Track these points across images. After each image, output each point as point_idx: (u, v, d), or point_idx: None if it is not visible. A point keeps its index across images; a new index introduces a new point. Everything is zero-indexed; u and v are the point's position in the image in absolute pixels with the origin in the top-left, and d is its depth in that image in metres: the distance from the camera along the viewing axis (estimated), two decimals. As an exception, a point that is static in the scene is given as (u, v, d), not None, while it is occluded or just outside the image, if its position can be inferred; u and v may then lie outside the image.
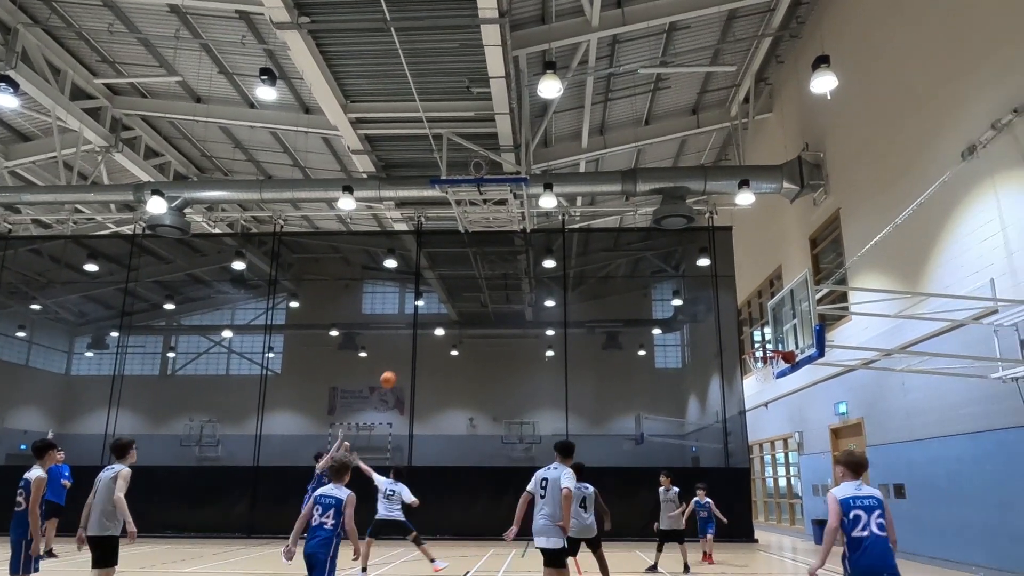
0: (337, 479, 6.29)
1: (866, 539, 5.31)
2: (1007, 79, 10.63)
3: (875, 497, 5.48)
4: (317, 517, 6.10)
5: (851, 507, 5.42)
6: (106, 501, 6.64)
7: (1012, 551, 10.42)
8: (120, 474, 6.69)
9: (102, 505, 6.64)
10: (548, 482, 6.82)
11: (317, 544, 5.97)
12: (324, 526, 6.03)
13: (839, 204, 16.49)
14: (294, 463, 20.03)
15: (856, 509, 5.40)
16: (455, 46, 14.63)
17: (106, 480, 6.71)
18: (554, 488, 6.75)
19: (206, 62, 17.38)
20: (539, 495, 6.85)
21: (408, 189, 18.62)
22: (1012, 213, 10.55)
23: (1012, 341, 10.44)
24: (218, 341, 33.30)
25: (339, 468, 6.34)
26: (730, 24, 17.51)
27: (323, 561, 5.91)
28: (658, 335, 33.45)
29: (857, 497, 5.46)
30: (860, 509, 5.39)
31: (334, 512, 6.06)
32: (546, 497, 6.77)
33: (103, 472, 6.79)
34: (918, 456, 13.05)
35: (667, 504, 12.06)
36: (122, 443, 6.98)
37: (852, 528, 5.36)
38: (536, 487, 6.93)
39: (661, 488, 12.18)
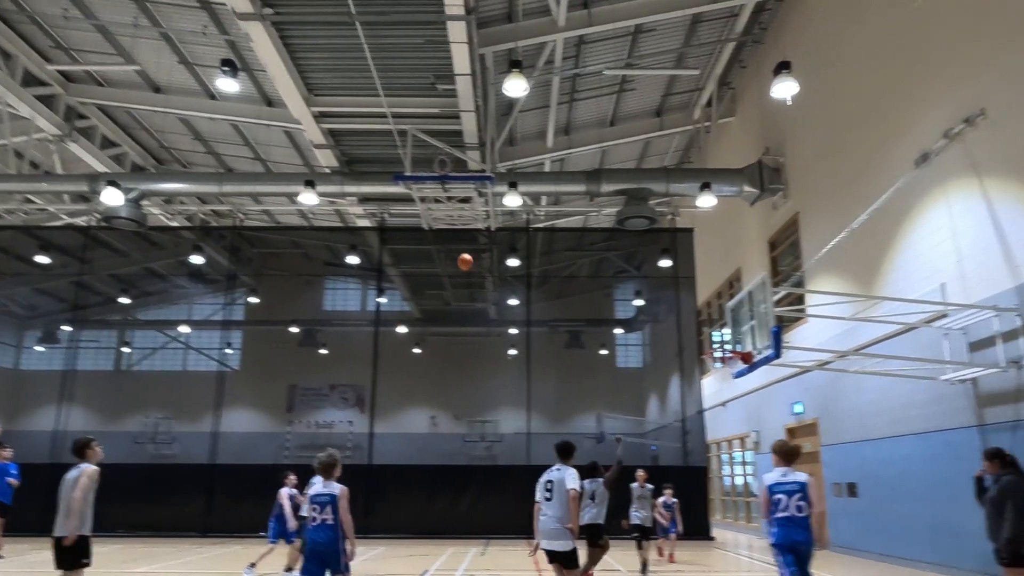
0: (326, 475, 6.55)
1: (783, 519, 6.24)
2: (959, 90, 10.94)
3: (797, 482, 6.34)
4: (317, 516, 6.40)
5: (775, 491, 6.36)
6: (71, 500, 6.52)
7: (957, 547, 10.74)
8: (85, 472, 6.57)
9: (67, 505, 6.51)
10: (553, 484, 6.74)
11: (325, 541, 6.35)
12: (326, 522, 6.37)
13: (798, 208, 16.80)
14: (251, 461, 19.73)
15: (778, 493, 6.32)
16: (421, 42, 14.55)
17: (71, 480, 6.59)
18: (560, 489, 6.67)
19: (165, 51, 17.00)
20: (544, 498, 6.77)
21: (371, 185, 18.46)
22: (962, 220, 10.87)
23: (960, 344, 10.76)
24: (175, 336, 32.60)
25: (328, 465, 6.60)
26: (695, 28, 17.72)
27: (335, 551, 6.32)
28: (620, 335, 33.73)
29: (781, 483, 6.37)
30: (782, 493, 6.31)
31: (331, 508, 6.38)
32: (552, 500, 6.69)
33: (69, 472, 6.66)
34: (870, 455, 13.38)
35: (640, 500, 11.97)
36: (80, 442, 6.84)
37: (775, 509, 6.31)
38: (541, 492, 6.83)
39: (635, 484, 12.06)
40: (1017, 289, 9.67)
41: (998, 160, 10.13)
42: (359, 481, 18.81)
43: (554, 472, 6.85)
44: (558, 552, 6.66)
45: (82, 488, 6.49)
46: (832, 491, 14.94)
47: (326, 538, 6.36)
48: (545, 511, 6.72)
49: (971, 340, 10.61)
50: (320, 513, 6.40)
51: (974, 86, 10.59)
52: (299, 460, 28.90)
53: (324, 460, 6.67)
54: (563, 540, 6.59)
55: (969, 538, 10.34)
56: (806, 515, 6.19)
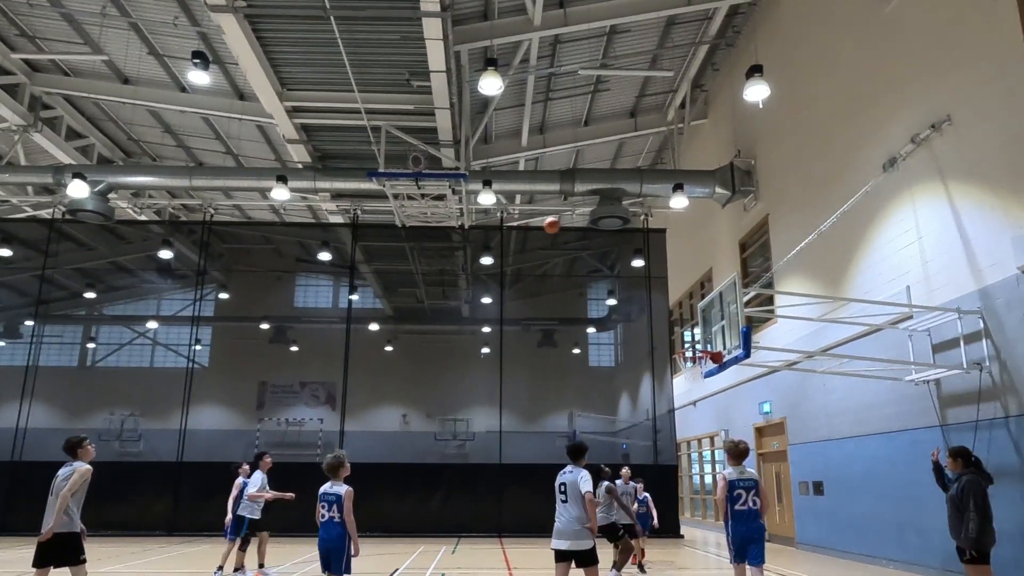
0: (334, 476, 6.83)
1: (744, 512, 6.98)
2: (926, 96, 11.16)
3: (753, 479, 7.08)
4: (325, 513, 6.74)
5: (736, 487, 7.04)
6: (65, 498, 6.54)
7: (920, 545, 10.97)
8: (77, 471, 6.60)
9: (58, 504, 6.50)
10: (567, 486, 6.76)
11: (330, 538, 6.67)
12: (333, 519, 6.69)
13: (768, 210, 17.01)
14: (220, 459, 19.45)
15: (739, 488, 7.03)
16: (396, 38, 14.47)
17: (62, 478, 6.61)
18: (574, 491, 6.69)
19: (135, 42, 16.70)
20: (560, 499, 6.80)
21: (345, 181, 18.32)
22: (928, 224, 11.09)
23: (925, 345, 10.98)
24: (142, 332, 32.03)
25: (334, 466, 6.89)
26: (669, 30, 17.84)
27: (340, 549, 6.63)
28: (592, 334, 33.87)
29: (741, 479, 7.06)
30: (742, 489, 7.02)
31: (337, 507, 6.68)
32: (568, 501, 6.71)
33: (64, 468, 6.68)
34: (836, 454, 13.59)
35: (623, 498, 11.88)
36: (71, 441, 6.87)
37: (735, 503, 7.00)
38: (557, 494, 6.85)
39: (619, 481, 11.92)
40: (980, 292, 9.89)
41: (963, 165, 10.35)
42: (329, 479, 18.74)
43: (567, 474, 6.86)
44: (577, 552, 6.63)
45: (71, 485, 6.49)
46: (799, 489, 15.16)
47: (332, 535, 6.67)
48: (561, 512, 6.75)
49: (935, 342, 10.83)
50: (328, 511, 6.73)
51: (941, 93, 10.80)
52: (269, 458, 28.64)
53: (331, 461, 6.91)
54: (583, 540, 6.61)
55: (933, 536, 10.57)
56: (758, 508, 7.03)
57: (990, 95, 9.79)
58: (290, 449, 29.85)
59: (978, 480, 7.35)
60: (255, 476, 10.70)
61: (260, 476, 10.73)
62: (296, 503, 11.64)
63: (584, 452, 7.02)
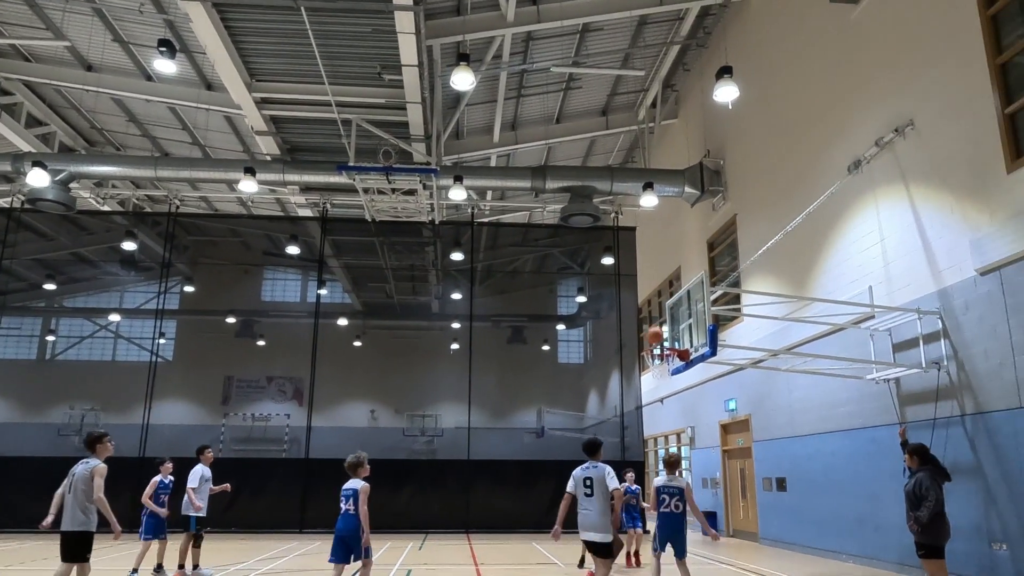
0: (354, 474, 7.67)
1: (667, 513, 8.25)
2: (890, 101, 11.38)
3: (678, 487, 8.27)
4: (343, 506, 7.56)
5: (662, 492, 8.31)
6: (83, 496, 6.57)
7: (878, 540, 11.22)
8: (95, 471, 6.65)
9: (78, 500, 6.56)
10: (593, 480, 7.10)
11: (348, 529, 7.48)
12: (349, 512, 7.52)
13: (736, 210, 17.22)
14: (184, 455, 19.13)
15: (664, 494, 8.30)
16: (368, 31, 14.35)
17: (81, 475, 6.61)
18: (600, 486, 7.06)
19: (99, 28, 16.32)
20: (584, 493, 7.12)
21: (314, 174, 18.12)
22: (890, 226, 11.32)
23: (886, 345, 11.22)
24: (104, 325, 31.41)
25: (354, 465, 7.77)
26: (641, 30, 17.95)
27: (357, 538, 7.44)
28: (562, 330, 34.00)
29: (667, 486, 8.30)
30: (666, 494, 8.28)
31: (353, 500, 7.51)
32: (593, 495, 7.06)
33: (77, 466, 6.70)
34: (799, 451, 13.83)
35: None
36: (92, 436, 6.95)
37: (660, 506, 8.30)
38: (579, 487, 7.17)
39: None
40: (939, 293, 10.12)
41: (924, 169, 10.58)
42: (295, 475, 18.59)
43: (591, 469, 7.19)
44: (600, 543, 7.03)
45: (99, 489, 6.63)
46: (762, 486, 15.39)
47: (350, 526, 7.44)
48: (587, 506, 7.07)
49: (895, 341, 11.07)
50: (345, 504, 7.54)
51: (904, 98, 11.03)
52: (235, 454, 28.33)
53: (351, 461, 7.74)
54: (606, 532, 7.03)
55: (890, 531, 10.81)
56: (682, 512, 8.26)
57: (951, 101, 10.01)
58: (256, 444, 29.56)
59: (933, 476, 7.55)
60: (195, 471, 10.38)
61: (200, 469, 10.43)
62: (261, 500, 11.56)
63: (600, 447, 7.44)
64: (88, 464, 6.71)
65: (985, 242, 9.18)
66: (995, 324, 9.06)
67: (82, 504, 6.58)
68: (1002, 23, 9.35)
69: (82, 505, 6.58)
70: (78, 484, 6.63)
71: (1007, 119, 9.06)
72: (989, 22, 9.42)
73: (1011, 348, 8.78)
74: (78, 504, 6.58)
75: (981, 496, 9.13)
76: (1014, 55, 9.10)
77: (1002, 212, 9.00)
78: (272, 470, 20.08)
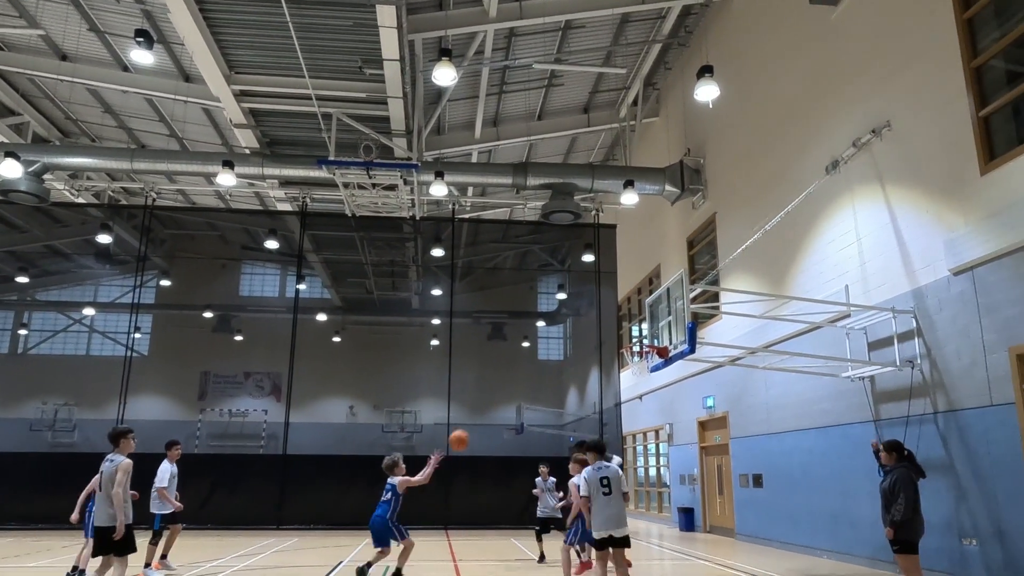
0: (390, 474, 8.83)
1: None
2: (867, 102, 11.51)
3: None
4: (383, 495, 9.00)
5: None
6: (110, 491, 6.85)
7: (852, 536, 11.37)
8: (120, 467, 6.90)
9: (107, 496, 6.83)
10: (610, 480, 7.38)
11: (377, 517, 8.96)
12: (382, 501, 8.93)
13: (715, 209, 17.33)
14: (158, 451, 18.88)
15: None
16: (349, 24, 14.25)
17: (108, 472, 6.91)
18: (617, 483, 7.40)
19: (74, 17, 16.05)
20: (602, 492, 7.35)
21: (293, 168, 17.97)
22: (866, 225, 11.46)
23: (861, 343, 11.36)
24: (78, 319, 30.97)
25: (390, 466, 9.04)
26: (623, 28, 17.99)
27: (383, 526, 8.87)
28: (542, 327, 34.07)
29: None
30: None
31: (391, 494, 9.01)
32: (612, 493, 7.35)
33: (105, 463, 6.98)
34: (775, 448, 13.97)
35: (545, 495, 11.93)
36: (116, 432, 7.18)
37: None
38: (596, 488, 7.37)
39: (538, 479, 12.13)
40: (913, 292, 10.27)
41: (901, 170, 10.71)
42: (273, 472, 18.47)
43: (605, 469, 7.45)
44: (623, 537, 7.32)
45: (121, 485, 6.86)
46: (739, 482, 15.54)
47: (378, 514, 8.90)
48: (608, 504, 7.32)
49: (871, 340, 11.21)
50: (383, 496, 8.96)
51: (882, 99, 11.16)
52: (211, 449, 28.08)
53: (387, 463, 8.90)
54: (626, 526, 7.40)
55: (864, 527, 10.96)
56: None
57: (928, 103, 10.15)
58: (233, 440, 29.29)
59: (909, 473, 7.64)
60: (163, 467, 10.28)
61: (168, 467, 10.31)
62: (238, 496, 11.46)
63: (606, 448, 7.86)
64: (114, 461, 6.98)
65: (959, 243, 9.33)
66: (967, 324, 9.21)
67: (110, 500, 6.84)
68: (977, 27, 9.49)
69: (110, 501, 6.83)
70: (107, 481, 6.87)
71: (982, 121, 9.20)
72: (965, 26, 9.56)
73: (982, 347, 8.93)
74: (106, 500, 6.82)
75: (952, 493, 9.29)
76: (989, 58, 9.24)
77: (976, 213, 9.14)
78: (249, 466, 19.94)
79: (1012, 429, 8.38)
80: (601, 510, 7.31)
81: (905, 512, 7.40)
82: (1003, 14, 9.17)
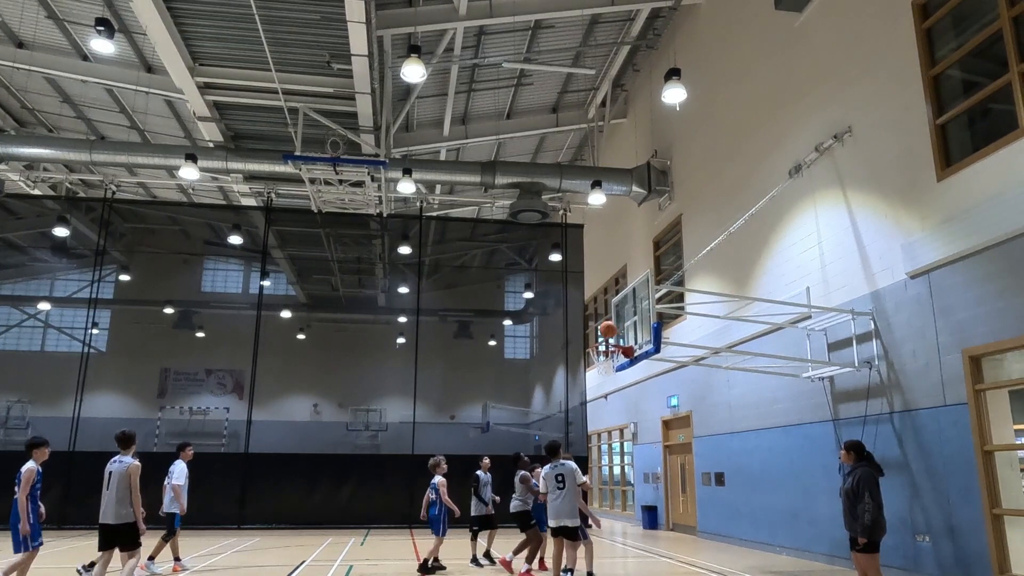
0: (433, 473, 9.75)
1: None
2: (829, 108, 11.73)
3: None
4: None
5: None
6: (121, 491, 7.22)
7: (811, 533, 11.59)
8: (131, 471, 7.31)
9: (118, 495, 7.22)
10: (564, 476, 8.33)
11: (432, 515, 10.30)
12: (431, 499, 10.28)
13: (681, 210, 17.52)
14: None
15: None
16: (316, 18, 14.08)
17: (118, 472, 7.28)
18: (570, 479, 8.32)
19: (31, 3, 15.63)
20: (556, 487, 8.30)
21: (258, 163, 17.72)
22: (828, 229, 11.68)
23: (821, 344, 11.58)
24: (33, 314, 30.14)
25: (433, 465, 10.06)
26: (592, 29, 18.08)
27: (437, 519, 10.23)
28: (508, 326, 34.09)
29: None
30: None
31: (435, 493, 10.15)
32: (565, 487, 8.29)
33: (112, 464, 7.36)
34: (737, 447, 14.18)
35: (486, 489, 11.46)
36: (126, 435, 7.59)
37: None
38: (552, 483, 8.35)
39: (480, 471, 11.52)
40: (872, 295, 10.50)
41: (861, 175, 10.94)
42: (234, 470, 18.19)
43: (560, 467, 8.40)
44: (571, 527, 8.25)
45: (135, 487, 7.27)
46: (701, 480, 15.74)
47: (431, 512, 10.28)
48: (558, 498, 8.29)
49: (830, 341, 11.44)
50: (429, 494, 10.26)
51: (843, 105, 11.38)
52: (170, 448, 27.50)
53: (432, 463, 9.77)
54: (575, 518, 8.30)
55: (823, 524, 11.18)
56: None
57: (888, 110, 10.38)
58: (193, 439, 28.58)
59: (871, 472, 7.67)
60: (177, 466, 10.53)
61: (183, 467, 10.59)
62: (198, 495, 11.26)
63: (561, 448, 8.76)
64: (123, 462, 7.37)
65: (916, 246, 9.56)
66: (923, 326, 9.45)
67: (122, 498, 7.22)
68: (936, 37, 9.73)
69: (122, 499, 7.22)
70: (117, 481, 7.26)
71: (938, 129, 9.43)
72: (924, 35, 9.79)
73: (937, 349, 9.17)
74: (118, 499, 7.21)
75: (907, 490, 9.52)
76: (946, 67, 9.48)
77: (932, 218, 9.38)
78: (210, 465, 19.51)
79: (964, 429, 8.62)
80: (552, 503, 8.30)
81: (874, 513, 7.38)
82: (961, 25, 9.42)
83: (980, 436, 8.42)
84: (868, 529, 7.37)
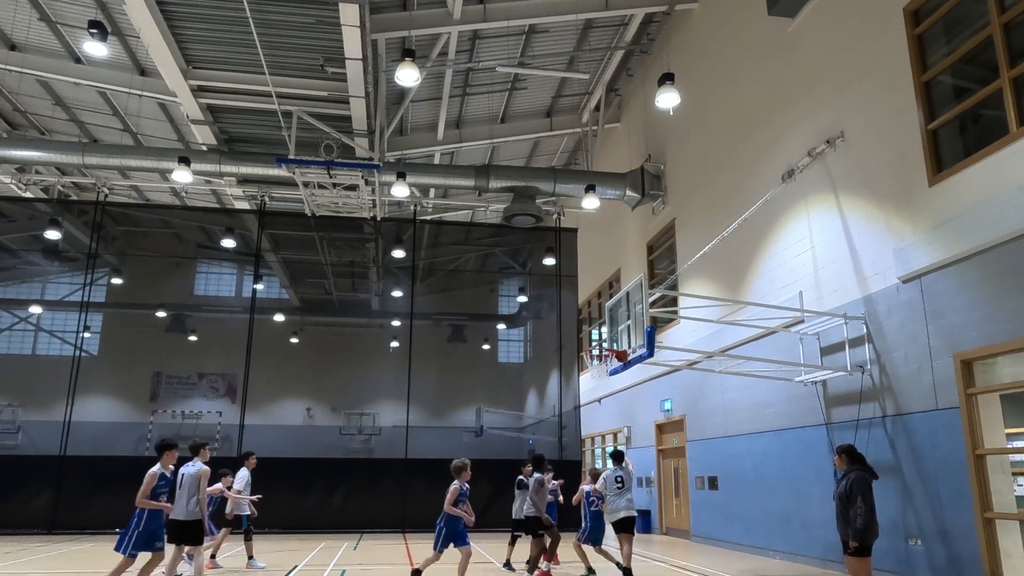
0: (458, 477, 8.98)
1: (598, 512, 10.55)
2: (822, 112, 11.79)
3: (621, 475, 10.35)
4: None
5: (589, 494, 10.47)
6: (193, 492, 8.21)
7: (804, 537, 11.61)
8: (201, 473, 8.34)
9: (189, 495, 8.21)
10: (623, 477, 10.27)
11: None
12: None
13: (675, 214, 17.56)
14: (108, 453, 18.46)
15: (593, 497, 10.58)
16: (311, 21, 14.08)
17: (191, 475, 8.32)
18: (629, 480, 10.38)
19: (24, 6, 15.56)
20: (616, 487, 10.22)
21: (252, 166, 17.67)
22: (820, 233, 11.72)
23: (814, 348, 11.61)
24: (24, 317, 29.99)
25: (458, 468, 9.07)
26: (586, 33, 18.13)
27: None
28: (502, 330, 34.10)
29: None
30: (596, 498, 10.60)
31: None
32: (624, 486, 10.26)
33: (185, 468, 8.38)
34: (731, 451, 14.20)
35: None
36: (196, 444, 8.84)
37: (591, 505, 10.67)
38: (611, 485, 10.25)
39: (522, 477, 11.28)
40: (864, 299, 10.53)
41: (853, 180, 10.99)
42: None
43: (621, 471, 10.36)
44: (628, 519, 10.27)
45: (204, 490, 8.28)
46: (695, 484, 15.75)
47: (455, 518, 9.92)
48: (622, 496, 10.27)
49: (823, 345, 11.47)
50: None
51: (836, 110, 11.43)
52: (162, 452, 27.36)
53: (455, 465, 9.11)
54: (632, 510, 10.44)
55: (816, 528, 11.20)
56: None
57: (880, 115, 10.43)
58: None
59: (864, 476, 7.67)
60: (241, 473, 11.64)
61: (246, 474, 11.70)
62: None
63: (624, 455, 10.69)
64: (195, 466, 8.41)
65: (907, 251, 9.60)
66: (915, 330, 9.49)
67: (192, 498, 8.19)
68: (927, 43, 9.79)
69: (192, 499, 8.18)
70: (189, 483, 8.25)
71: (930, 135, 9.49)
72: (915, 41, 9.85)
73: (929, 353, 9.20)
74: (189, 497, 8.18)
75: (899, 494, 9.55)
76: (938, 73, 9.54)
77: (924, 223, 9.42)
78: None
79: (956, 432, 8.65)
80: (613, 501, 10.07)
81: (866, 516, 7.39)
82: (952, 31, 9.48)
83: (972, 440, 8.45)
84: (860, 533, 7.36)
